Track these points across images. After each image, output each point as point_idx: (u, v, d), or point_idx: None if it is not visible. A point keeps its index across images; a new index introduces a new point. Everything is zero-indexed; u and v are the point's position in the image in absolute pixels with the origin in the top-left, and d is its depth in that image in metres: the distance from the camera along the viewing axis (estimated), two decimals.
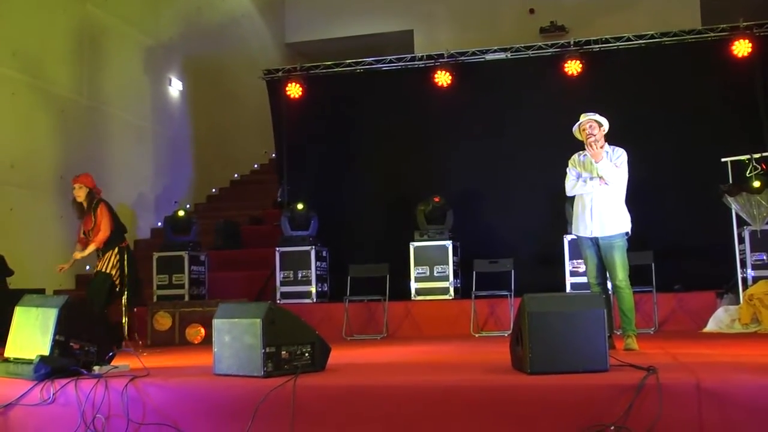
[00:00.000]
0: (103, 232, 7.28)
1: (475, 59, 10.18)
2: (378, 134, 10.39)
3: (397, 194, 10.16)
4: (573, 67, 9.59)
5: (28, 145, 9.70)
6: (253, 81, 11.88)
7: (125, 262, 7.40)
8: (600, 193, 5.74)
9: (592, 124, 5.76)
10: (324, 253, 9.75)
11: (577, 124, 5.86)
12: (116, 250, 7.37)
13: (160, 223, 11.78)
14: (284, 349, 4.36)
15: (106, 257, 7.34)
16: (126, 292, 7.39)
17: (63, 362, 4.52)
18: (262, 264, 10.24)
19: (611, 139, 5.88)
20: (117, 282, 7.33)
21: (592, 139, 5.70)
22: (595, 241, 5.79)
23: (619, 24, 12.68)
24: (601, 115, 5.82)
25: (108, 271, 7.30)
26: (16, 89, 9.57)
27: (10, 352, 4.85)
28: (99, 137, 11.13)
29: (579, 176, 5.85)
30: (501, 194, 9.87)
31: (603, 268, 5.83)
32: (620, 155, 5.77)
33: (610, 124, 5.82)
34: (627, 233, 5.78)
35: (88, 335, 4.79)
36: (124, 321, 7.40)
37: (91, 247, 7.29)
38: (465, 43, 11.36)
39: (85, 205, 7.36)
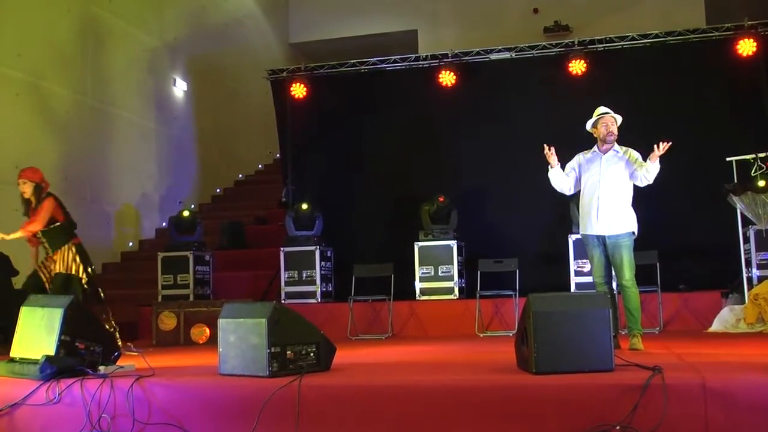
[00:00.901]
0: (37, 224, 6.71)
1: (479, 59, 10.17)
2: (382, 134, 10.37)
3: (401, 194, 10.14)
4: (577, 66, 9.58)
5: (32, 145, 9.70)
6: (257, 81, 11.89)
7: (83, 257, 6.93)
8: (606, 192, 5.74)
9: (613, 121, 5.77)
10: (328, 253, 9.74)
11: (594, 119, 5.84)
12: (69, 246, 6.90)
13: (164, 224, 11.80)
14: (289, 349, 4.37)
15: (57, 256, 6.85)
16: (93, 292, 7.02)
17: (69, 362, 4.53)
18: (266, 264, 10.25)
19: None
20: (83, 277, 6.87)
21: (612, 137, 5.72)
22: (601, 240, 5.78)
23: (623, 23, 12.67)
24: None
25: (66, 271, 6.84)
26: (20, 90, 9.58)
27: (15, 352, 4.86)
28: (103, 138, 11.15)
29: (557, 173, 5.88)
30: (505, 194, 9.85)
31: (609, 267, 5.82)
32: (632, 151, 5.82)
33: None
34: (633, 233, 5.77)
35: (93, 335, 4.80)
36: (112, 325, 6.95)
37: (17, 235, 6.69)
38: (469, 43, 11.35)
39: (33, 200, 6.87)
